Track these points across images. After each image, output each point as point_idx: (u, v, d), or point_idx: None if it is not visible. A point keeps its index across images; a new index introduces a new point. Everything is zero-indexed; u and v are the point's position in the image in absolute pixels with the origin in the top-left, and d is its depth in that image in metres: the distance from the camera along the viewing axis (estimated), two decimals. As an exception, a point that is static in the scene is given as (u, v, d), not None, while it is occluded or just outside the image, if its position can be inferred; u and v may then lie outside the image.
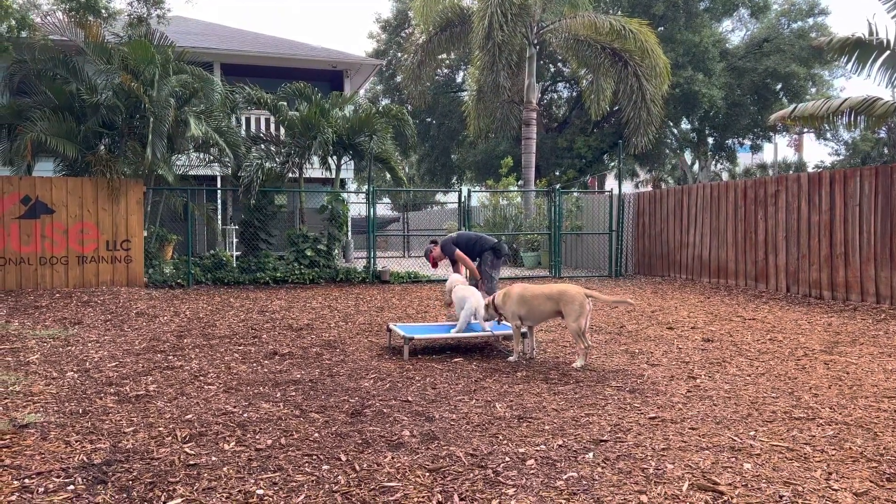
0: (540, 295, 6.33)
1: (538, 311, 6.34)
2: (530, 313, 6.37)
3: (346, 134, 14.51)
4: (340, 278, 13.67)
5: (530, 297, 6.35)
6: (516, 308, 6.39)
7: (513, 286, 6.66)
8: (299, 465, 3.67)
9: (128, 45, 12.64)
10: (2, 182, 11.68)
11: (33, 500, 3.19)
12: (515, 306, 6.39)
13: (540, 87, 26.82)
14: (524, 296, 6.38)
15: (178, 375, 5.78)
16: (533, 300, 6.33)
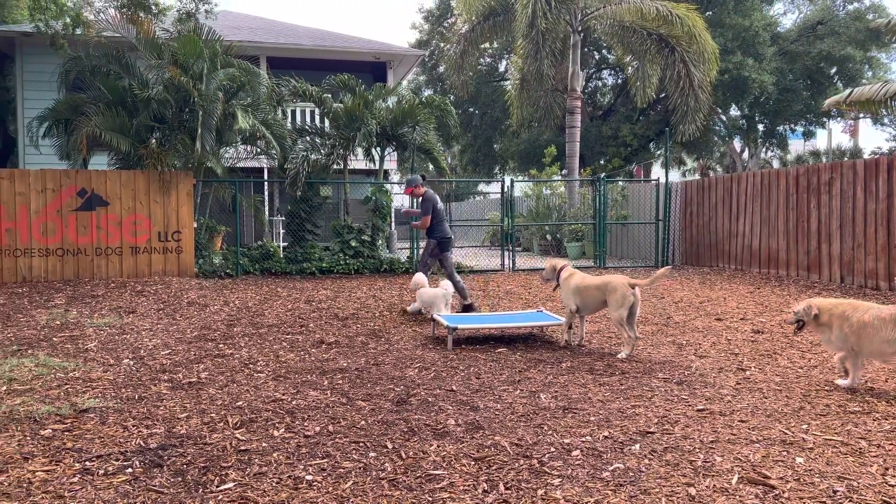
0: (591, 286, 6.43)
1: (589, 301, 6.45)
2: (584, 303, 6.49)
3: (390, 125, 14.58)
4: (384, 269, 13.78)
5: (583, 288, 6.46)
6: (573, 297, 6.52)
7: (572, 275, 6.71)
8: (347, 452, 3.73)
9: (177, 40, 12.92)
10: (59, 175, 12.09)
11: (94, 481, 3.32)
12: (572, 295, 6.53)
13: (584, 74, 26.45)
14: (579, 286, 6.49)
15: (228, 363, 5.92)
16: (585, 291, 6.44)
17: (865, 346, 4.84)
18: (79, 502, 3.07)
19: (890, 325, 4.72)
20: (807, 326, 5.27)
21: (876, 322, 4.77)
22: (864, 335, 4.82)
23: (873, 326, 4.77)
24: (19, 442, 3.84)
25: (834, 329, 5.00)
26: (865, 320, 4.82)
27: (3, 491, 3.18)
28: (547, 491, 3.20)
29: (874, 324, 4.77)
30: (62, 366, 5.74)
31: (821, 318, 5.08)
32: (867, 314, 4.86)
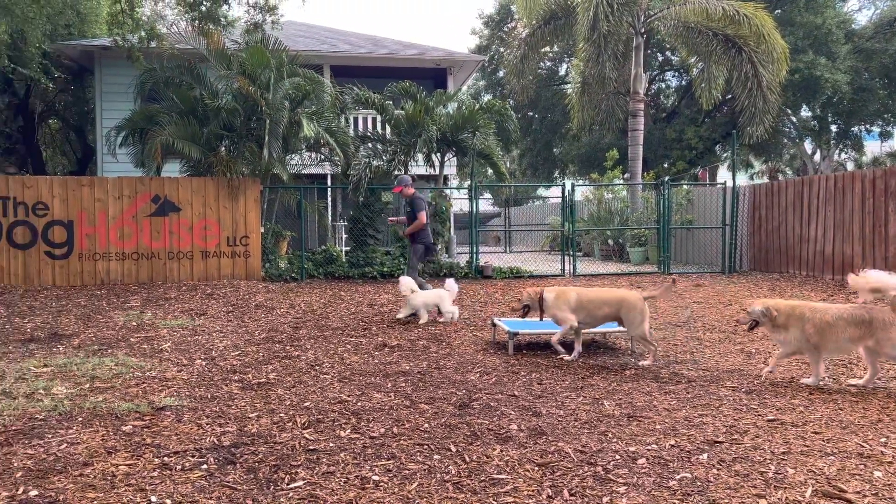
0: (596, 300, 6.31)
1: (596, 315, 6.29)
2: (591, 319, 6.32)
3: (450, 131, 14.68)
4: (444, 273, 13.85)
5: (586, 301, 6.31)
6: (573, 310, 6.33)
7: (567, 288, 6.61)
8: (411, 454, 3.79)
9: (245, 51, 13.35)
10: (135, 183, 12.64)
11: (172, 476, 3.47)
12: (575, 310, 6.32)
13: (647, 76, 25.99)
14: (581, 299, 6.33)
15: (295, 365, 6.08)
16: (589, 304, 6.28)
17: (827, 344, 5.13)
18: (159, 496, 3.22)
19: (851, 325, 5.05)
20: (761, 327, 5.44)
21: (839, 322, 5.07)
22: (827, 335, 5.09)
23: (836, 326, 5.07)
24: (103, 437, 4.05)
25: (792, 330, 5.21)
26: (828, 321, 5.11)
27: (90, 483, 3.36)
28: (612, 499, 3.18)
29: (837, 324, 5.07)
30: (139, 365, 6.01)
31: (779, 319, 5.26)
32: (828, 315, 5.14)
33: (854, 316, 5.07)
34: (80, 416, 4.45)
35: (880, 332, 4.97)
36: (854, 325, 5.04)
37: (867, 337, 5.03)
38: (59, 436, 4.04)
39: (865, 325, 5.01)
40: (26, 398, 4.83)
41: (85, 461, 3.63)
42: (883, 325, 4.97)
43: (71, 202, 12.24)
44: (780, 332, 5.31)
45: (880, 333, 4.97)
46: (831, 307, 5.27)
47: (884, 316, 5.00)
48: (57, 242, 12.19)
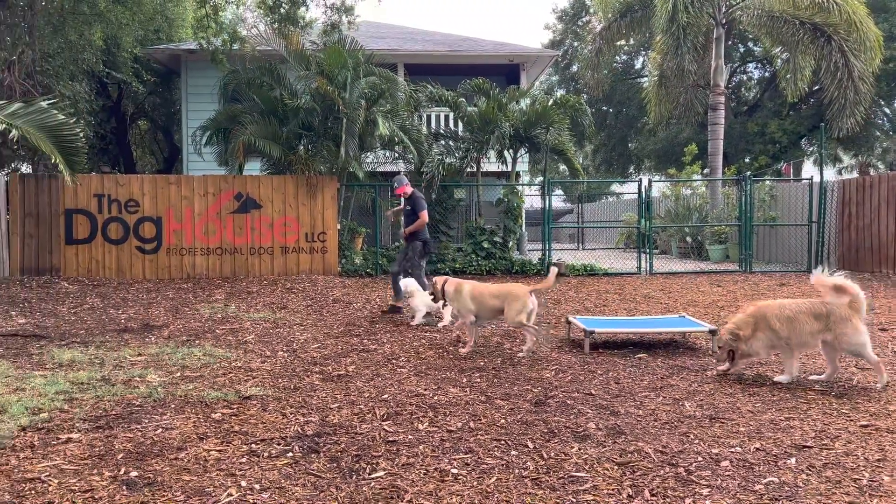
0: (486, 293, 6.60)
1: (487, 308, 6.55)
2: (482, 311, 6.57)
3: (523, 127, 14.62)
4: (515, 270, 13.83)
5: (477, 294, 6.59)
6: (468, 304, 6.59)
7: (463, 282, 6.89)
8: (489, 449, 3.82)
9: (323, 51, 13.67)
10: (219, 181, 13.16)
11: (260, 462, 3.62)
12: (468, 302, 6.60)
13: (728, 68, 25.14)
14: (473, 293, 6.61)
15: (372, 358, 6.21)
16: (480, 297, 6.56)
17: (795, 338, 5.17)
18: (248, 480, 3.36)
19: (812, 319, 5.14)
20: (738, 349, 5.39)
21: (801, 317, 5.17)
22: (793, 329, 5.16)
23: (800, 321, 5.16)
24: (194, 423, 4.25)
25: (761, 336, 5.26)
26: (790, 315, 5.20)
27: (184, 466, 3.54)
28: (695, 500, 3.12)
29: (800, 318, 5.17)
30: (225, 356, 6.27)
31: (745, 333, 5.29)
32: (787, 310, 5.24)
33: (814, 310, 5.17)
34: (172, 403, 4.69)
35: (838, 327, 5.05)
36: (815, 318, 5.13)
37: (826, 331, 5.11)
38: (154, 421, 4.27)
39: (824, 319, 5.10)
40: (124, 385, 5.12)
41: (179, 446, 3.83)
42: (841, 320, 5.05)
43: (160, 199, 12.85)
44: (752, 342, 5.32)
45: (838, 328, 5.05)
46: (787, 303, 5.38)
47: (842, 311, 5.07)
48: (147, 238, 12.83)
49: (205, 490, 3.23)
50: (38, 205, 12.60)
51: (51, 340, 6.93)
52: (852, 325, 5.04)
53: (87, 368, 5.63)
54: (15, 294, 10.43)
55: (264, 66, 13.91)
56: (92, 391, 4.90)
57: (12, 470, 3.43)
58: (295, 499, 3.15)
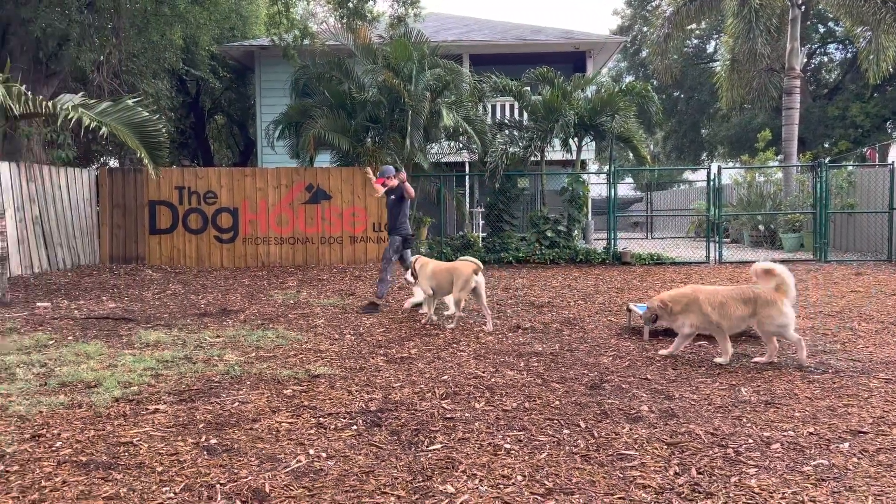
0: (439, 270, 7.37)
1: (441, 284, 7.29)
2: (438, 287, 7.36)
3: (588, 115, 14.54)
4: (580, 259, 13.82)
5: (437, 272, 7.36)
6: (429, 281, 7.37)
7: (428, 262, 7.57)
8: (541, 427, 3.98)
9: (389, 45, 13.97)
10: (291, 173, 13.68)
11: (327, 434, 3.89)
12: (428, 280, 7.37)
13: (805, 50, 24.19)
14: (433, 270, 7.40)
15: (434, 342, 6.44)
16: (436, 275, 7.34)
17: (726, 322, 5.43)
18: (315, 449, 3.64)
19: (741, 304, 5.39)
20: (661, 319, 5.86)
21: (731, 302, 5.42)
22: (724, 314, 5.42)
23: (730, 306, 5.41)
24: (267, 398, 4.58)
25: (692, 315, 5.55)
26: (722, 301, 5.44)
27: (259, 436, 3.85)
28: (741, 479, 3.20)
29: (730, 304, 5.41)
30: (297, 338, 6.63)
31: (674, 308, 5.62)
32: (719, 296, 5.49)
33: (743, 294, 5.44)
34: (248, 380, 5.04)
35: (762, 310, 5.31)
36: (743, 302, 5.39)
37: (753, 315, 5.37)
38: (231, 395, 4.62)
39: (752, 303, 5.36)
40: (204, 363, 5.52)
41: (254, 418, 4.15)
42: (765, 304, 5.31)
43: (236, 191, 13.47)
44: (677, 318, 5.66)
45: (762, 311, 5.31)
46: (719, 289, 5.63)
47: (767, 295, 5.34)
48: (224, 228, 13.48)
49: (276, 456, 3.52)
50: (124, 197, 13.42)
51: (138, 323, 7.46)
52: (776, 308, 5.28)
53: (170, 348, 6.08)
54: (105, 280, 11.19)
55: (333, 60, 14.32)
56: (175, 368, 5.32)
57: (108, 434, 3.82)
58: (358, 466, 3.40)
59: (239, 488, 3.12)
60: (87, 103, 9.10)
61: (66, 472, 3.27)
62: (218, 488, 3.12)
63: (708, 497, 3.04)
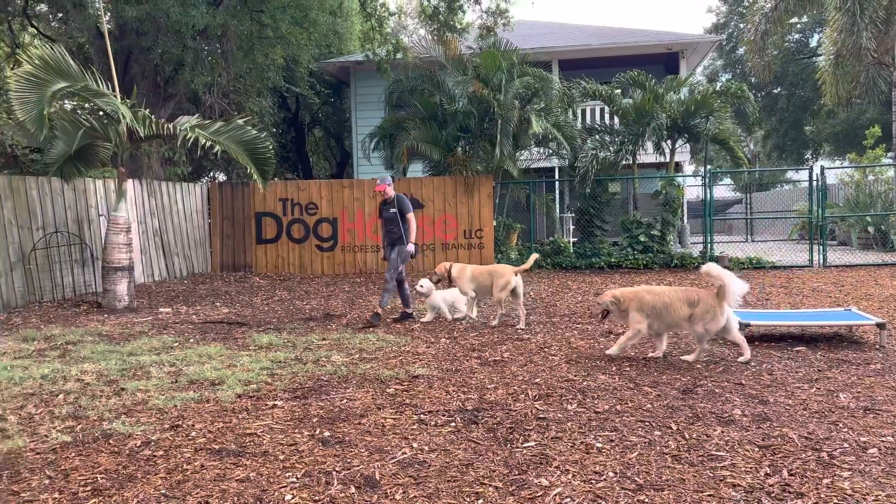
0: (483, 272, 7.97)
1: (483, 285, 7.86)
2: (479, 289, 7.92)
3: (681, 117, 14.33)
4: (675, 264, 13.62)
5: (477, 274, 7.93)
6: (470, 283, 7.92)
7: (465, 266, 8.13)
8: (633, 429, 4.12)
9: (479, 55, 14.28)
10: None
11: (428, 430, 4.18)
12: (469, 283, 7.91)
13: (920, 39, 22.67)
14: (473, 273, 7.95)
15: (526, 346, 6.65)
16: (479, 277, 7.90)
17: (666, 320, 5.83)
18: (418, 443, 3.93)
19: (685, 304, 5.74)
20: (611, 314, 6.20)
21: (675, 303, 5.78)
22: (665, 314, 5.81)
23: (673, 306, 5.77)
24: (372, 396, 4.93)
25: (633, 311, 5.90)
26: (667, 301, 5.81)
27: (366, 430, 4.19)
28: (833, 481, 3.25)
29: (673, 304, 5.78)
30: (396, 341, 7.00)
31: (623, 304, 5.94)
32: (665, 296, 5.84)
33: (687, 297, 5.78)
34: (354, 379, 5.42)
35: (698, 311, 5.67)
36: (687, 304, 5.73)
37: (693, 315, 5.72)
38: (340, 393, 5.00)
39: (694, 305, 5.71)
40: (313, 364, 5.96)
41: (361, 413, 4.50)
42: (703, 307, 5.67)
43: (335, 202, 14.14)
44: (625, 314, 5.99)
45: (697, 312, 5.67)
46: (666, 290, 5.97)
47: (708, 298, 5.70)
48: (324, 237, 14.17)
49: (384, 448, 3.84)
50: (233, 209, 14.35)
51: (250, 327, 8.06)
52: (713, 312, 5.65)
53: (282, 350, 6.57)
54: (217, 288, 12.03)
55: (425, 73, 14.76)
56: (288, 368, 5.78)
57: (235, 426, 4.27)
58: (458, 459, 3.67)
59: (352, 475, 3.45)
60: (202, 124, 9.88)
61: (203, 458, 3.71)
62: (334, 475, 3.46)
63: (798, 497, 3.11)
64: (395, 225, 8.36)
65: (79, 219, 11.11)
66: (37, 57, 8.68)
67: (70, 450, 3.86)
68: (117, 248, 9.56)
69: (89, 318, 8.72)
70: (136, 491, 3.28)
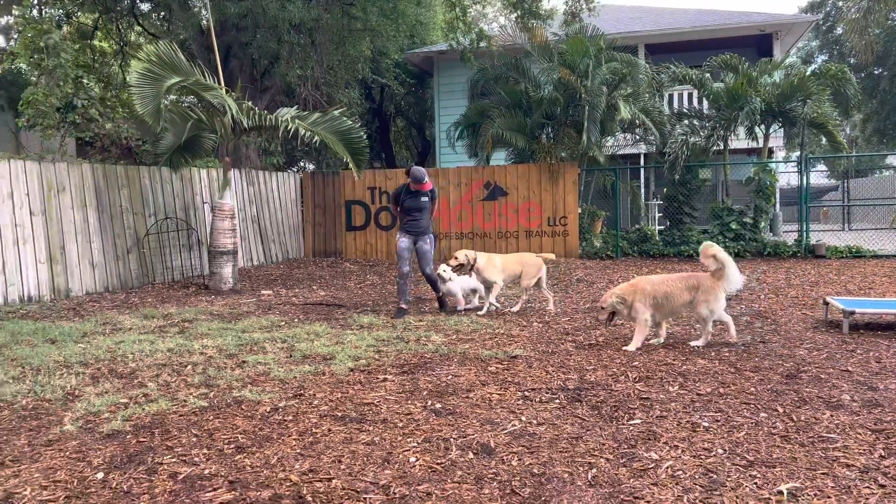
0: (510, 262, 8.09)
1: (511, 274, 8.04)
2: (509, 277, 8.05)
3: (776, 101, 13.85)
4: (768, 252, 13.25)
5: (504, 264, 8.02)
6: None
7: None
8: (738, 410, 4.16)
9: (564, 42, 14.23)
10: (470, 171, 14.40)
11: (533, 405, 4.35)
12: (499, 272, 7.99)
13: None
14: (505, 264, 8.03)
15: (620, 331, 6.71)
16: (506, 267, 8.02)
17: (668, 308, 5.93)
18: (526, 417, 4.11)
19: (685, 290, 5.88)
20: (617, 315, 6.10)
21: (675, 290, 5.88)
22: (666, 302, 5.89)
23: (673, 294, 5.88)
24: (475, 373, 5.14)
25: (637, 303, 5.88)
26: (667, 290, 5.90)
27: (474, 403, 4.40)
28: (954, 465, 3.22)
29: (673, 292, 5.89)
30: (489, 324, 7.19)
31: (629, 300, 5.92)
32: (664, 285, 5.93)
33: (687, 282, 5.91)
34: (455, 357, 5.65)
35: (700, 295, 5.81)
36: (687, 290, 5.87)
37: (693, 300, 5.86)
38: (444, 370, 5.24)
39: (694, 291, 5.85)
40: (415, 342, 6.23)
41: (467, 388, 4.72)
42: (704, 290, 5.81)
43: (421, 189, 14.43)
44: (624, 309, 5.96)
45: (699, 296, 5.81)
46: (664, 278, 6.07)
47: (706, 281, 5.84)
48: (411, 224, 14.50)
49: (493, 420, 4.04)
50: (324, 197, 14.89)
51: (348, 308, 8.43)
52: (714, 293, 5.80)
53: (383, 329, 6.89)
54: (312, 272, 12.55)
55: (510, 61, 14.83)
56: (392, 346, 6.07)
57: (352, 396, 4.56)
58: (566, 433, 3.82)
59: (468, 443, 3.67)
60: (300, 115, 10.33)
61: (329, 423, 4.01)
62: (451, 441, 3.68)
63: (917, 479, 3.12)
64: (424, 215, 7.94)
65: (185, 206, 11.82)
66: (152, 54, 9.28)
67: (208, 413, 4.24)
68: (223, 234, 10.14)
69: (199, 299, 9.32)
70: (275, 450, 3.60)
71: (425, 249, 7.94)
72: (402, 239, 7.97)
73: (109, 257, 10.32)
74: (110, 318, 7.76)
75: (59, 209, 9.66)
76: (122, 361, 5.66)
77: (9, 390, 4.81)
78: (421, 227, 7.95)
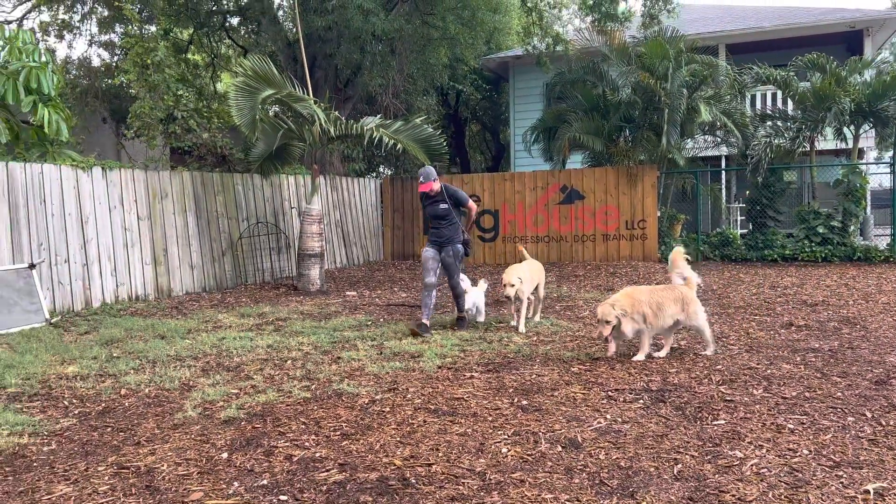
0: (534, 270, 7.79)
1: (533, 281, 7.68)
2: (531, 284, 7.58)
3: (866, 100, 13.36)
4: (857, 257, 12.80)
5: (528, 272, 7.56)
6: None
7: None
8: (824, 414, 4.20)
9: (643, 44, 14.16)
10: (546, 175, 14.52)
11: (617, 405, 4.51)
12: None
13: None
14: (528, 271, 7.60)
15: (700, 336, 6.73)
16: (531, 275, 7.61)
17: (660, 321, 5.74)
18: (611, 415, 4.27)
19: (673, 303, 5.78)
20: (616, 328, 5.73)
21: (666, 301, 5.78)
22: (660, 314, 5.73)
23: (665, 305, 5.76)
24: (559, 373, 5.32)
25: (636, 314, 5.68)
26: (659, 301, 5.77)
27: (559, 401, 4.59)
28: None
29: (665, 303, 5.77)
30: (568, 327, 7.34)
31: (630, 310, 5.67)
32: (656, 295, 5.82)
33: (673, 295, 5.84)
34: (537, 358, 5.85)
35: (689, 307, 5.81)
36: (675, 302, 5.78)
37: (682, 311, 5.80)
38: (527, 369, 5.44)
39: (680, 302, 5.81)
40: (498, 343, 6.47)
41: (552, 387, 4.91)
42: (691, 301, 5.84)
43: (496, 194, 14.67)
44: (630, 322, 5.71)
45: (689, 307, 5.81)
46: (656, 289, 5.97)
47: (688, 293, 5.88)
48: (487, 228, 14.75)
49: (579, 418, 4.22)
50: (402, 202, 15.31)
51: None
52: (697, 301, 5.89)
53: (466, 330, 7.14)
54: (392, 274, 12.97)
55: (587, 65, 14.86)
56: (476, 346, 6.32)
57: (442, 391, 4.84)
58: (651, 431, 3.97)
59: (556, 437, 3.87)
60: (383, 123, 10.75)
61: (423, 415, 4.30)
62: (540, 435, 3.90)
63: None
64: (447, 223, 7.26)
65: (275, 211, 12.45)
66: (248, 68, 9.88)
67: (312, 404, 4.60)
68: (311, 237, 10.66)
69: (289, 299, 9.84)
70: (377, 437, 3.90)
71: (448, 262, 7.25)
72: (427, 249, 7.36)
73: (206, 259, 11.00)
74: (210, 316, 8.34)
75: (163, 214, 10.39)
76: (227, 356, 6.13)
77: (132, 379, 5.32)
78: (443, 236, 7.27)
